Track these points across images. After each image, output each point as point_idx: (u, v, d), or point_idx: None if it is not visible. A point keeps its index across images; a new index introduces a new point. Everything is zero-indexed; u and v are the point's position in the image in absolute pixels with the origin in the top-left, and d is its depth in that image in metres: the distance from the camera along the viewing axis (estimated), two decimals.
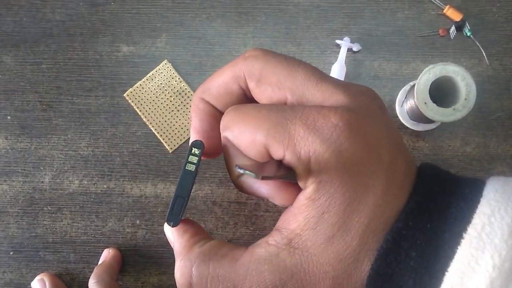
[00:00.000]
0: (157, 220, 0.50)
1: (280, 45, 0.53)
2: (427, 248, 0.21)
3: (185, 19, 0.53)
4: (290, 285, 0.21)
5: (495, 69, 0.52)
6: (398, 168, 0.22)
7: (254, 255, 0.22)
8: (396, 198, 0.22)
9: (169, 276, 0.50)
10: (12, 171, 0.51)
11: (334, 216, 0.21)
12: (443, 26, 0.52)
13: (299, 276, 0.21)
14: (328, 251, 0.21)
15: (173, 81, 0.52)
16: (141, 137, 0.51)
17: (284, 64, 0.23)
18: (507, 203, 0.21)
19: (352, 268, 0.21)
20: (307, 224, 0.21)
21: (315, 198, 0.21)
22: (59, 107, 0.52)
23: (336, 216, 0.21)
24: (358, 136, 0.21)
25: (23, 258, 0.50)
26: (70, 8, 0.53)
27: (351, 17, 0.53)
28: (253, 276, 0.21)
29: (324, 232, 0.21)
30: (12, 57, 0.52)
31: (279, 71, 0.23)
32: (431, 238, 0.21)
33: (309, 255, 0.21)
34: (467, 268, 0.20)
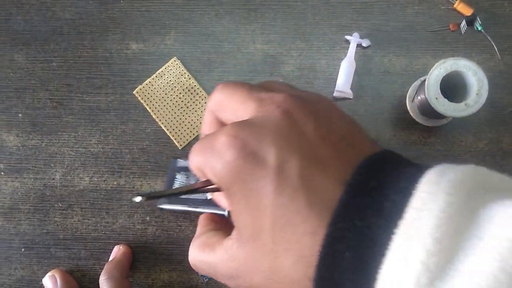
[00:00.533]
0: (167, 217, 0.50)
1: (288, 41, 0.52)
2: (362, 247, 0.21)
3: (194, 16, 0.53)
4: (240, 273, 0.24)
5: (507, 64, 0.51)
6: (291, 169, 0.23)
7: (223, 245, 0.25)
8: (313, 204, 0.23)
9: (179, 273, 0.50)
10: (23, 168, 0.51)
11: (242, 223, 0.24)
12: (453, 21, 0.52)
13: (244, 268, 0.24)
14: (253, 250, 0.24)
15: (182, 78, 0.52)
16: (151, 134, 0.52)
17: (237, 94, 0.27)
18: (437, 194, 0.20)
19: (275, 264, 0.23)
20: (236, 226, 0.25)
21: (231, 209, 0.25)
22: (69, 105, 0.52)
23: (244, 221, 0.24)
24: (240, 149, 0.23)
25: (35, 254, 0.50)
26: (79, 7, 0.53)
27: (360, 13, 0.52)
28: (222, 263, 0.25)
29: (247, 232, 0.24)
30: (23, 55, 0.53)
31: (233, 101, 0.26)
32: (365, 236, 0.21)
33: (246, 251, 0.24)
34: (398, 265, 0.20)
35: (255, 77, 0.52)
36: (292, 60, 0.52)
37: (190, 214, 0.50)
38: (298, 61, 0.52)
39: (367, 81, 0.52)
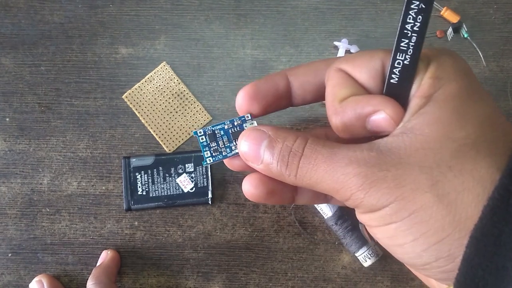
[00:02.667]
0: (155, 222, 0.50)
1: (278, 47, 0.53)
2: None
3: (184, 21, 0.53)
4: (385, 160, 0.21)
5: (492, 71, 0.52)
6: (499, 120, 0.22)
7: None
8: None
9: (167, 278, 0.50)
10: (10, 172, 0.51)
11: (447, 105, 0.21)
12: (440, 28, 0.52)
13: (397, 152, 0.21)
14: (439, 133, 0.21)
15: (172, 82, 0.52)
16: (140, 139, 0.52)
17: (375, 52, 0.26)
18: None
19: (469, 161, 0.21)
20: (414, 113, 0.22)
21: (428, 94, 0.22)
22: (57, 109, 0.52)
23: (450, 105, 0.21)
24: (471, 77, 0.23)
25: (21, 260, 0.50)
26: (68, 10, 0.53)
27: (349, 19, 0.53)
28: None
29: (436, 117, 0.21)
30: (11, 59, 0.52)
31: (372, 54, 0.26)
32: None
33: (415, 135, 0.21)
34: None
35: (245, 82, 0.52)
36: (281, 66, 0.53)
37: (171, 208, 0.51)
38: (288, 67, 0.53)
39: None
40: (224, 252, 0.50)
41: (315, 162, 0.22)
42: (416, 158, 0.21)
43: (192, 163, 0.50)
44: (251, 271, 0.50)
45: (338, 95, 0.24)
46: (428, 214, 0.21)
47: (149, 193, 0.50)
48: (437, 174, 0.21)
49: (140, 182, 0.50)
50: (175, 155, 0.50)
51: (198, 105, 0.52)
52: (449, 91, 0.22)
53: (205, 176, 0.50)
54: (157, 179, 0.50)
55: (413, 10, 0.22)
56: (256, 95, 0.26)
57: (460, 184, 0.20)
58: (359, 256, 0.49)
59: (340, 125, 0.24)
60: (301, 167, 0.23)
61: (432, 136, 0.21)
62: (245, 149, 0.24)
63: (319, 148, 0.23)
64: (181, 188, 0.50)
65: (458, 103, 0.22)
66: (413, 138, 0.21)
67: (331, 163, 0.22)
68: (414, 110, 0.22)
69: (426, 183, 0.21)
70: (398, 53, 0.23)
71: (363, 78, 0.24)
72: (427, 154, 0.21)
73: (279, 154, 0.24)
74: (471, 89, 0.22)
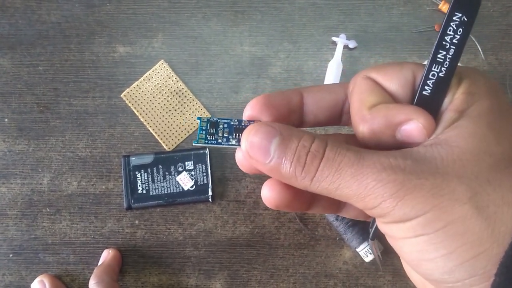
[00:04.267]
0: (156, 220, 0.50)
1: (276, 43, 0.53)
2: None
3: (181, 19, 0.53)
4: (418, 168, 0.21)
5: (491, 64, 0.52)
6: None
7: None
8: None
9: (168, 276, 0.50)
10: (10, 173, 0.51)
11: (482, 120, 0.21)
12: (438, 22, 0.52)
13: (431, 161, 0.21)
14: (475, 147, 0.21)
15: (170, 80, 0.52)
16: (139, 138, 0.52)
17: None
18: None
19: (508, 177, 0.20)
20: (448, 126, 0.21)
21: (462, 109, 0.21)
22: (56, 109, 0.52)
23: (484, 121, 0.21)
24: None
25: (23, 260, 0.50)
26: (65, 10, 0.53)
27: (347, 14, 0.53)
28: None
29: (472, 132, 0.21)
30: (9, 59, 0.52)
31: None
32: None
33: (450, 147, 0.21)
34: None
35: (243, 79, 0.52)
36: (279, 62, 0.52)
37: (172, 207, 0.50)
38: (286, 63, 0.52)
39: None
40: (225, 250, 0.50)
41: (340, 166, 0.21)
42: (454, 169, 0.20)
43: (191, 161, 0.50)
44: (252, 268, 0.50)
45: (367, 102, 0.23)
46: (465, 226, 0.20)
47: (149, 192, 0.50)
48: (476, 185, 0.20)
49: (140, 181, 0.50)
50: (175, 153, 0.50)
51: (197, 103, 0.52)
52: (483, 107, 0.22)
53: (205, 173, 0.50)
54: (157, 177, 0.50)
55: (454, 22, 0.22)
56: (268, 105, 0.25)
57: (500, 198, 0.20)
58: (360, 252, 0.49)
59: (367, 133, 0.23)
60: (321, 170, 0.21)
61: (468, 149, 0.21)
62: (253, 142, 0.22)
63: (343, 151, 0.21)
64: (181, 186, 0.50)
65: (492, 119, 0.21)
66: (449, 149, 0.21)
67: (359, 167, 0.21)
68: (447, 123, 0.22)
69: (465, 194, 0.20)
70: (434, 65, 0.22)
71: (393, 87, 0.24)
72: (465, 165, 0.21)
73: (293, 154, 0.22)
74: (503, 107, 0.22)
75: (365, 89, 0.24)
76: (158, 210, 0.50)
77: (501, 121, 0.21)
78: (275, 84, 0.52)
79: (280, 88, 0.52)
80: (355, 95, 0.24)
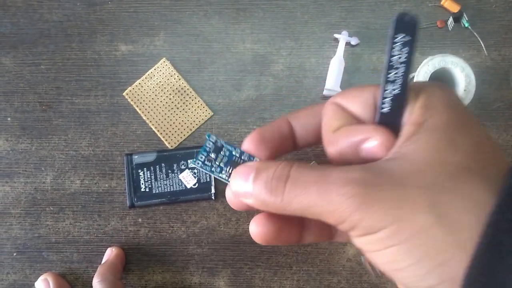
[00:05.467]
0: (159, 218, 0.50)
1: (278, 40, 0.53)
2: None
3: (183, 16, 0.53)
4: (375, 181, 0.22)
5: (494, 60, 0.52)
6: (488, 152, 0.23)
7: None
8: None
9: (172, 274, 0.50)
10: (13, 172, 0.51)
11: (439, 132, 0.22)
12: (441, 18, 0.52)
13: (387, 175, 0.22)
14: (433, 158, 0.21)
15: (172, 79, 0.52)
16: (142, 136, 0.52)
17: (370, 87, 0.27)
18: None
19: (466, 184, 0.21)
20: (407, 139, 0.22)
21: (419, 122, 0.22)
22: (59, 108, 0.52)
23: (441, 132, 0.22)
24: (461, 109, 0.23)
25: (27, 258, 0.50)
26: (67, 8, 0.53)
27: (349, 11, 0.53)
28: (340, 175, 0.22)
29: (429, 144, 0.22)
30: (11, 58, 0.52)
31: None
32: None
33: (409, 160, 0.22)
34: None
35: (245, 77, 0.52)
36: (281, 59, 0.52)
37: (179, 203, 0.51)
38: (288, 60, 0.52)
39: (356, 79, 0.52)
40: (229, 247, 0.50)
41: (305, 185, 0.22)
42: (413, 180, 0.21)
43: (194, 159, 0.50)
44: (256, 265, 0.50)
45: (331, 126, 0.25)
46: (428, 235, 0.21)
47: (152, 190, 0.50)
48: (434, 195, 0.21)
49: (143, 179, 0.50)
50: (177, 151, 0.50)
51: (199, 101, 0.52)
52: (439, 120, 0.23)
53: None
54: (160, 175, 0.50)
55: (399, 43, 0.23)
56: (261, 140, 0.27)
57: (459, 206, 0.21)
58: None
59: (334, 153, 0.25)
60: (288, 190, 0.23)
61: (425, 160, 0.22)
62: (235, 186, 0.25)
63: (307, 170, 0.23)
64: (184, 184, 0.50)
65: (448, 131, 0.22)
66: (408, 162, 0.22)
67: (324, 184, 0.22)
68: (406, 136, 0.23)
69: (425, 203, 0.21)
70: (388, 84, 0.23)
71: (356, 109, 0.25)
72: (423, 176, 0.21)
73: (263, 181, 0.24)
74: (460, 119, 0.23)
75: (330, 114, 0.26)
76: (161, 208, 0.51)
77: (457, 132, 0.22)
78: (278, 82, 0.52)
79: (282, 85, 0.52)
80: (323, 120, 0.26)
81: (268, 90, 0.52)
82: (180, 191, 0.50)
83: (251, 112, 0.52)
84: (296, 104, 0.52)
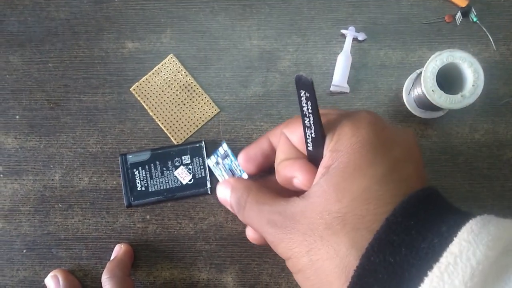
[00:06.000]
0: (167, 215, 0.51)
1: (285, 36, 0.52)
2: (391, 284, 0.21)
3: (189, 13, 0.53)
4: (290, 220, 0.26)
5: (503, 54, 0.51)
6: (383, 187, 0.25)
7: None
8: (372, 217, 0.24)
9: (180, 270, 0.50)
10: (22, 170, 0.51)
11: (335, 177, 0.25)
12: (448, 13, 0.52)
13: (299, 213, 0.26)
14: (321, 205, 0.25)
15: (179, 75, 0.52)
16: (149, 133, 0.52)
17: None
18: (477, 245, 0.20)
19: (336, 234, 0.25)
20: (316, 181, 0.26)
21: (328, 165, 0.26)
22: (66, 105, 0.52)
23: (337, 178, 0.25)
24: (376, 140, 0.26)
25: (36, 255, 0.51)
26: (74, 6, 0.53)
27: (356, 6, 0.52)
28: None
29: (323, 190, 0.25)
30: (18, 56, 0.53)
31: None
32: (396, 273, 0.21)
33: (307, 203, 0.26)
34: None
35: (252, 73, 0.52)
36: (288, 56, 0.52)
37: (173, 200, 0.51)
38: (295, 56, 0.52)
39: (364, 75, 0.52)
40: (236, 243, 0.50)
41: (251, 213, 0.29)
42: (303, 225, 0.25)
43: (188, 155, 0.50)
44: (263, 261, 0.50)
45: (278, 158, 0.30)
46: (305, 276, 0.25)
47: (148, 188, 0.50)
48: (312, 241, 0.24)
49: (138, 178, 0.50)
50: (171, 148, 0.50)
51: (206, 97, 0.52)
52: (340, 164, 0.25)
53: (202, 167, 0.50)
54: (155, 173, 0.50)
55: (302, 97, 0.26)
56: (248, 159, 0.33)
57: (326, 254, 0.24)
58: None
59: (279, 180, 0.31)
60: (245, 212, 0.29)
61: (315, 206, 0.25)
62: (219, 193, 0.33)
63: (253, 205, 0.29)
64: (180, 181, 0.50)
65: (341, 178, 0.25)
66: (308, 205, 0.26)
67: (259, 219, 0.28)
68: (317, 178, 0.27)
69: (305, 249, 0.25)
70: (306, 128, 0.27)
71: (295, 141, 0.30)
72: (309, 222, 0.25)
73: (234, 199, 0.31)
74: (360, 161, 0.25)
75: (279, 145, 0.31)
76: (169, 205, 0.51)
77: (350, 179, 0.25)
78: (284, 78, 0.52)
79: (289, 82, 0.52)
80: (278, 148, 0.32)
81: (275, 86, 0.52)
82: (176, 188, 0.50)
83: (258, 108, 0.52)
84: None
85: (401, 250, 0.21)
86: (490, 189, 0.50)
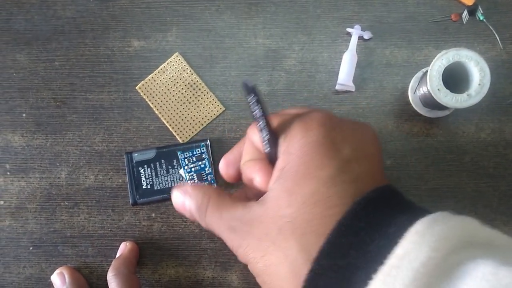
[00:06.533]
0: (172, 213, 0.51)
1: (290, 35, 0.52)
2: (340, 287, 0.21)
3: (195, 12, 0.53)
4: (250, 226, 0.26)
5: (509, 53, 0.51)
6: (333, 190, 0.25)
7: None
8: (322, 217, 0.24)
9: (185, 268, 0.50)
10: (29, 167, 0.52)
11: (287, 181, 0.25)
12: (455, 11, 0.52)
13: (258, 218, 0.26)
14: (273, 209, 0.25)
15: (185, 73, 0.52)
16: (154, 131, 0.52)
17: None
18: (420, 247, 0.20)
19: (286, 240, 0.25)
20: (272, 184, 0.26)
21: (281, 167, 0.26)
22: (73, 104, 0.52)
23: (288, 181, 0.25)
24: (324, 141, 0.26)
25: (42, 253, 0.51)
26: (80, 5, 0.53)
27: (362, 5, 0.52)
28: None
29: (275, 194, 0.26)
30: (25, 55, 0.53)
31: None
32: (344, 277, 0.21)
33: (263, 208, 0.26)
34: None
35: (257, 72, 0.52)
36: (294, 54, 0.52)
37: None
38: (300, 55, 0.52)
39: (369, 74, 0.52)
40: None
41: (213, 219, 0.29)
42: (259, 230, 0.25)
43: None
44: None
45: (243, 159, 0.31)
46: (262, 280, 0.25)
47: (154, 186, 0.50)
48: (265, 247, 0.24)
49: (144, 176, 0.50)
50: (176, 146, 0.50)
51: (211, 96, 0.52)
52: (292, 167, 0.25)
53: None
54: (160, 171, 0.50)
55: (251, 101, 0.27)
56: (227, 164, 0.33)
57: (277, 259, 0.24)
58: None
59: (244, 182, 0.31)
60: (207, 221, 0.29)
61: (270, 211, 0.25)
62: (174, 199, 0.32)
63: (214, 211, 0.29)
64: (185, 179, 0.50)
65: (292, 182, 0.25)
66: (263, 211, 0.26)
67: (220, 225, 0.28)
68: (272, 181, 0.27)
69: (260, 254, 0.25)
70: (260, 131, 0.28)
71: (257, 143, 0.29)
72: (263, 227, 0.25)
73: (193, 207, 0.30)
74: (310, 164, 0.25)
75: (245, 146, 0.31)
76: None
77: (300, 182, 0.25)
78: (290, 77, 0.52)
79: (295, 80, 0.52)
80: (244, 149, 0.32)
81: (280, 85, 0.52)
82: None
83: None
84: (308, 99, 0.52)
85: (350, 253, 0.21)
86: (496, 188, 0.50)
